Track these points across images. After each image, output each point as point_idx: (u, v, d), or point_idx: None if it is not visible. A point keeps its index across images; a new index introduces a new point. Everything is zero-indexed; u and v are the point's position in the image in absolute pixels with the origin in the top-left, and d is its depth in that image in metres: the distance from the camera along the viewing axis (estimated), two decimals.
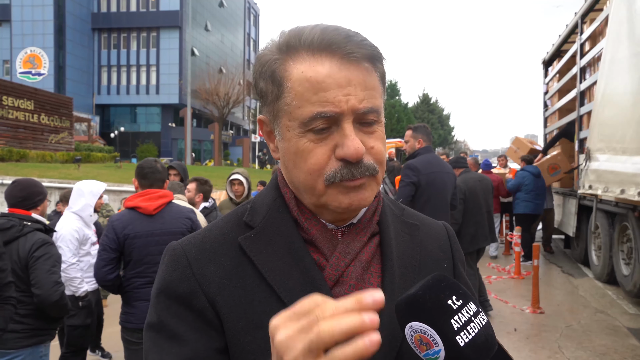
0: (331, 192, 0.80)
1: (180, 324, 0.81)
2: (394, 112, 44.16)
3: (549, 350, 4.92)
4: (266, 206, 0.89)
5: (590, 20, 8.51)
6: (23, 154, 19.09)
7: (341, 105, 0.77)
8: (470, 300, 0.67)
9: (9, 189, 3.12)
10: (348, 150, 0.77)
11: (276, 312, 0.77)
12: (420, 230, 0.95)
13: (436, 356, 0.64)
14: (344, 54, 0.78)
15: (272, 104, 0.83)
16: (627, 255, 6.63)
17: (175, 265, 0.85)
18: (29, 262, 2.92)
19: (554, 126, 11.17)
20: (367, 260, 0.86)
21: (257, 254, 0.84)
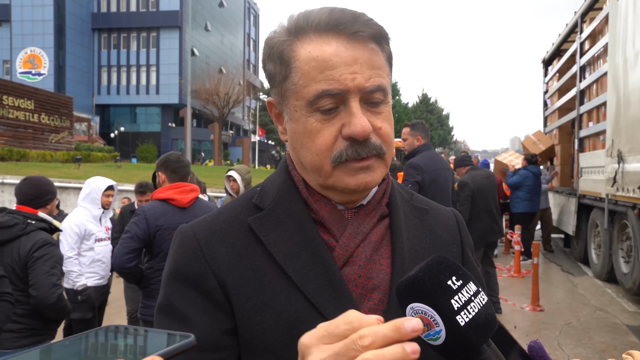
0: (338, 174, 0.81)
1: (188, 305, 0.82)
2: (393, 112, 44.15)
3: (548, 347, 4.93)
4: (276, 188, 0.90)
5: (590, 19, 8.52)
6: (23, 154, 19.09)
7: (347, 83, 0.78)
8: (470, 281, 0.67)
9: (19, 186, 3.07)
10: (355, 128, 0.77)
11: (285, 292, 0.80)
12: (429, 214, 0.96)
13: (437, 336, 0.64)
14: (351, 33, 0.79)
15: (280, 85, 0.84)
16: (627, 253, 6.64)
17: (185, 247, 0.86)
18: (28, 262, 2.87)
19: (553, 125, 11.18)
20: (377, 242, 0.86)
21: (267, 234, 0.84)
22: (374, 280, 0.84)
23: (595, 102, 7.84)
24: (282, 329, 0.79)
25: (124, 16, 48.65)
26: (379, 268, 0.85)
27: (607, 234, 7.16)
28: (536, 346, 0.70)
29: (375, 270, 0.84)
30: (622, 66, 6.39)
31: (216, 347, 0.81)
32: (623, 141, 6.25)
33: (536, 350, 0.70)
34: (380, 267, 0.85)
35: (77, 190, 10.95)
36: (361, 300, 0.82)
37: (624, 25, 6.32)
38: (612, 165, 6.54)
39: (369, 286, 0.83)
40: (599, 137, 7.75)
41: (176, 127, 48.09)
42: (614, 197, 6.57)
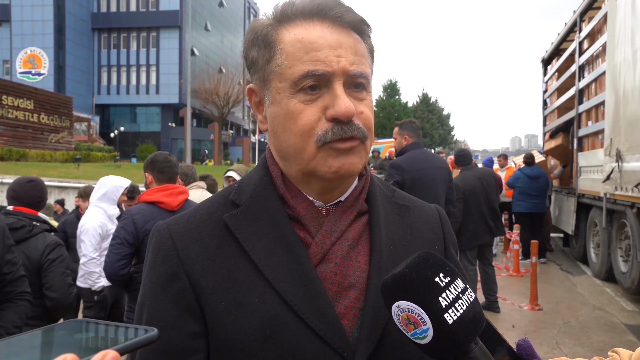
0: (321, 156, 0.80)
1: (158, 306, 0.82)
2: (393, 112, 44.14)
3: (546, 347, 4.92)
4: (253, 184, 0.89)
5: (589, 18, 8.50)
6: (23, 153, 19.10)
7: (332, 64, 0.78)
8: (457, 277, 0.66)
9: (26, 188, 2.91)
10: (339, 109, 0.78)
11: (260, 290, 0.80)
12: (411, 211, 0.95)
13: (424, 335, 0.63)
14: (335, 17, 0.81)
15: (263, 68, 0.83)
16: (625, 252, 6.64)
17: (160, 246, 0.85)
18: (43, 265, 2.80)
19: (553, 124, 11.17)
20: (355, 239, 0.85)
21: (242, 231, 0.83)
22: (350, 278, 0.82)
23: (594, 101, 7.84)
24: (255, 328, 0.78)
25: (124, 16, 48.64)
26: (356, 265, 0.84)
27: (606, 233, 7.16)
28: (525, 344, 0.69)
29: (351, 267, 0.83)
30: (620, 65, 6.38)
31: (182, 350, 0.79)
32: (621, 140, 6.24)
33: (525, 348, 0.69)
34: (357, 265, 0.84)
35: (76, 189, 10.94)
36: (337, 298, 0.81)
37: (623, 24, 6.32)
38: (610, 164, 6.53)
39: (345, 284, 0.82)
40: (598, 136, 7.74)
41: (176, 126, 48.08)
42: (613, 196, 6.56)
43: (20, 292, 2.44)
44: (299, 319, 0.78)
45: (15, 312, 2.39)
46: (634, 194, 5.78)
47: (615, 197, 6.50)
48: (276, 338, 0.77)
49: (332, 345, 0.78)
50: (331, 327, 0.78)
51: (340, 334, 0.78)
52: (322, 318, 0.78)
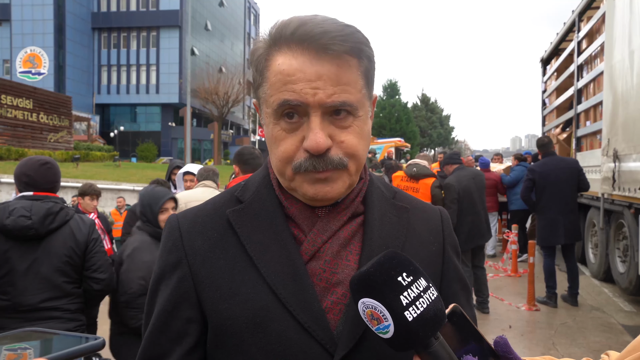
0: (298, 180, 0.85)
1: (162, 290, 0.90)
2: (393, 112, 44.13)
3: (543, 347, 4.91)
4: (256, 183, 0.95)
5: (587, 18, 8.49)
6: (22, 153, 19.08)
7: (307, 97, 0.80)
8: (420, 276, 0.69)
9: (42, 171, 2.67)
10: (309, 144, 0.81)
11: (253, 282, 0.87)
12: (409, 212, 0.97)
13: (386, 330, 0.67)
14: (319, 48, 0.80)
15: (257, 91, 0.89)
16: (623, 252, 6.62)
17: (169, 236, 0.93)
18: (88, 245, 2.67)
19: (552, 124, 11.17)
20: (347, 238, 0.89)
21: (242, 226, 0.90)
22: (339, 275, 0.87)
23: (593, 101, 7.82)
24: (246, 316, 0.84)
25: (124, 15, 48.66)
26: (346, 264, 0.88)
27: (604, 233, 7.15)
28: (501, 341, 0.72)
29: (341, 265, 0.88)
30: (618, 65, 6.37)
31: (177, 331, 0.88)
32: (619, 140, 6.22)
33: (501, 345, 0.72)
34: (347, 263, 0.88)
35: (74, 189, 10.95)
36: (324, 294, 0.86)
37: (620, 24, 6.31)
38: (608, 164, 6.52)
39: (333, 280, 0.86)
40: (596, 136, 7.73)
41: (176, 126, 48.09)
42: (611, 197, 6.55)
43: None
44: (286, 311, 0.84)
45: None
46: (631, 194, 5.77)
47: (613, 198, 6.49)
48: (265, 327, 0.84)
49: (316, 337, 0.83)
50: (315, 320, 0.83)
51: (324, 326, 0.83)
52: (307, 311, 0.84)
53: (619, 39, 6.37)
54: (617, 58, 6.38)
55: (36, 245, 2.55)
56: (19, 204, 2.54)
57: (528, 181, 6.32)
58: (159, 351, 0.88)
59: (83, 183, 6.14)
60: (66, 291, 2.61)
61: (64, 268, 2.59)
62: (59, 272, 2.58)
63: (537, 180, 6.24)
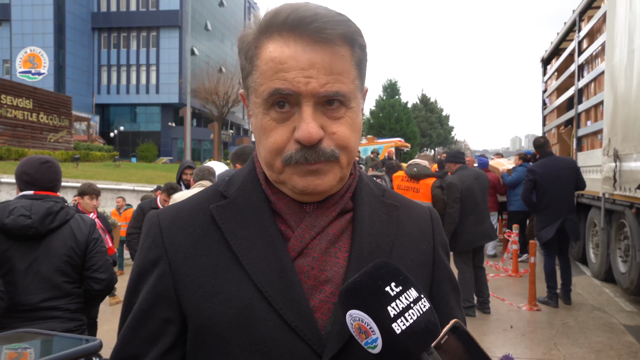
0: (288, 172, 0.82)
1: (139, 289, 0.87)
2: (393, 112, 44.10)
3: (544, 347, 4.90)
4: (242, 178, 0.92)
5: (588, 17, 8.48)
6: (22, 153, 19.06)
7: (300, 87, 0.77)
8: (411, 287, 0.65)
9: (42, 170, 2.65)
10: (301, 134, 0.78)
11: (237, 280, 0.82)
12: (399, 211, 0.95)
13: (374, 344, 0.62)
14: (311, 34, 0.77)
15: (246, 80, 0.85)
16: (624, 252, 6.61)
17: (148, 232, 0.89)
18: (89, 246, 2.66)
19: (552, 124, 11.15)
20: (336, 235, 0.86)
21: (226, 222, 0.86)
22: (327, 273, 0.84)
23: (593, 101, 7.81)
24: (230, 315, 0.80)
25: (124, 15, 48.65)
26: (334, 261, 0.85)
27: (605, 233, 7.13)
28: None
29: (330, 263, 0.84)
30: (619, 65, 6.35)
31: (152, 332, 0.84)
32: (619, 140, 6.21)
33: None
34: (336, 260, 0.85)
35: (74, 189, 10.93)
36: (312, 292, 0.83)
37: (621, 24, 6.29)
38: (608, 164, 6.51)
39: (322, 278, 0.83)
40: (597, 136, 7.71)
41: (176, 126, 48.08)
42: (612, 196, 6.53)
43: None
44: (272, 310, 0.80)
45: None
46: (632, 193, 5.75)
47: (614, 197, 6.48)
48: (249, 326, 0.80)
49: (303, 337, 0.79)
50: (303, 319, 0.80)
51: (312, 326, 0.80)
52: (294, 310, 0.80)
53: (619, 39, 6.35)
54: (618, 58, 6.36)
55: (36, 244, 2.53)
56: (19, 203, 2.53)
57: (529, 182, 6.30)
58: (133, 352, 0.84)
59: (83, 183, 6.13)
60: (66, 291, 2.59)
61: (64, 268, 2.58)
62: (59, 272, 2.56)
63: (539, 181, 6.26)
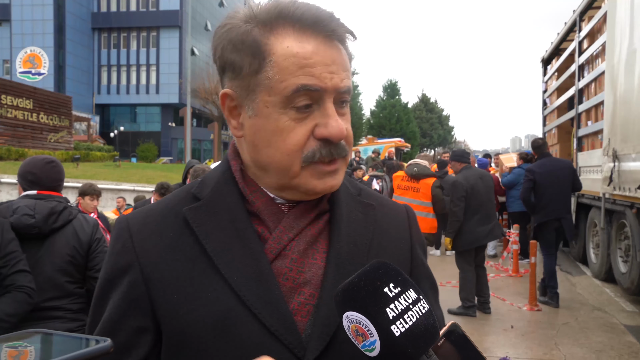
0: (305, 175, 0.80)
1: (109, 297, 0.83)
2: (394, 112, 44.11)
3: (545, 347, 4.90)
4: (215, 179, 0.88)
5: (588, 17, 8.48)
6: (22, 153, 19.06)
7: (326, 81, 0.77)
8: (410, 287, 0.64)
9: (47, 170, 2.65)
10: (332, 130, 0.77)
11: (214, 285, 0.80)
12: (376, 210, 0.94)
13: (372, 347, 0.61)
14: (328, 32, 0.78)
15: (249, 78, 0.79)
16: (625, 253, 6.61)
17: (118, 238, 0.86)
18: (92, 246, 2.65)
19: (552, 124, 11.16)
20: (314, 236, 0.85)
21: (200, 225, 0.83)
22: (306, 275, 0.82)
23: (594, 101, 7.81)
24: (208, 321, 0.78)
25: (124, 16, 48.65)
26: (312, 262, 0.83)
27: (605, 233, 7.13)
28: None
29: (307, 264, 0.83)
30: (619, 65, 6.36)
31: (124, 343, 0.80)
32: (618, 140, 6.22)
33: None
34: (314, 262, 0.83)
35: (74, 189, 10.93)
36: (291, 294, 0.81)
37: (622, 24, 6.29)
38: (608, 164, 6.51)
39: (300, 280, 0.82)
40: (597, 136, 7.72)
41: (176, 126, 48.08)
42: (612, 197, 6.53)
43: (19, 285, 2.35)
44: (251, 314, 0.78)
45: (9, 301, 2.31)
46: (631, 193, 5.76)
47: (614, 197, 6.48)
48: (228, 332, 0.78)
49: (283, 341, 0.78)
50: (283, 323, 0.78)
51: (292, 330, 0.78)
52: (273, 313, 0.78)
53: (620, 39, 6.36)
54: (618, 58, 6.36)
55: (39, 244, 2.53)
56: (22, 202, 2.53)
57: (528, 181, 6.35)
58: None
59: (83, 183, 6.13)
60: (68, 291, 2.58)
61: (67, 268, 2.57)
62: (61, 272, 2.55)
63: (537, 181, 6.31)
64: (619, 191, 6.15)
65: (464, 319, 5.80)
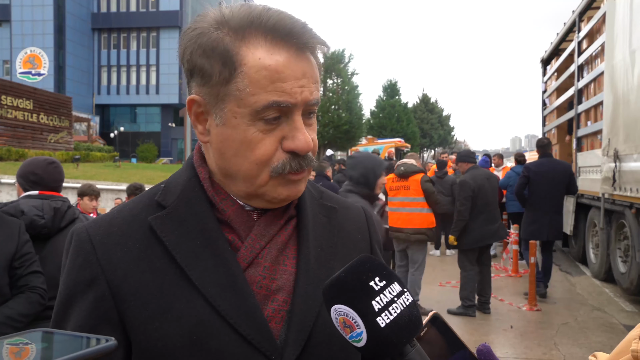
0: (272, 184, 0.80)
1: (73, 314, 0.79)
2: (393, 112, 44.10)
3: (544, 347, 4.91)
4: (180, 185, 0.85)
5: (587, 18, 8.49)
6: (22, 153, 19.07)
7: (296, 96, 0.77)
8: (394, 281, 0.66)
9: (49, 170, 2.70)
10: (300, 144, 0.78)
11: (186, 296, 0.78)
12: (338, 212, 0.96)
13: (359, 338, 0.64)
14: (301, 44, 0.77)
15: (218, 86, 0.77)
16: (624, 253, 6.62)
17: (78, 250, 0.81)
18: None
19: (552, 125, 11.16)
20: (284, 243, 0.85)
21: (168, 234, 0.80)
22: (278, 282, 0.83)
23: (593, 101, 7.82)
24: (182, 334, 0.76)
25: (124, 16, 48.65)
26: (283, 269, 0.84)
27: (605, 233, 7.14)
28: (484, 349, 0.71)
29: (279, 271, 0.83)
30: (618, 65, 6.36)
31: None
32: (619, 140, 6.22)
33: (484, 353, 0.71)
34: (285, 268, 0.84)
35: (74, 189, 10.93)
36: (265, 302, 0.81)
37: (621, 24, 6.30)
38: (608, 164, 6.52)
39: (273, 287, 0.82)
40: (597, 136, 7.72)
41: (176, 127, 48.07)
42: (612, 197, 6.54)
43: (32, 286, 2.39)
44: (226, 324, 0.77)
45: (22, 302, 2.34)
46: (632, 194, 5.76)
47: (614, 198, 6.49)
48: (204, 344, 0.76)
49: (260, 349, 0.78)
50: (259, 331, 0.78)
51: (268, 337, 0.79)
52: (249, 322, 0.78)
53: (619, 39, 6.36)
54: (618, 58, 6.37)
55: (42, 244, 2.56)
56: (28, 202, 2.55)
57: (523, 177, 6.71)
58: None
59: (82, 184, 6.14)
60: None
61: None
62: None
63: (532, 178, 6.67)
64: (619, 191, 6.17)
65: (463, 319, 5.81)
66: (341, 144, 34.89)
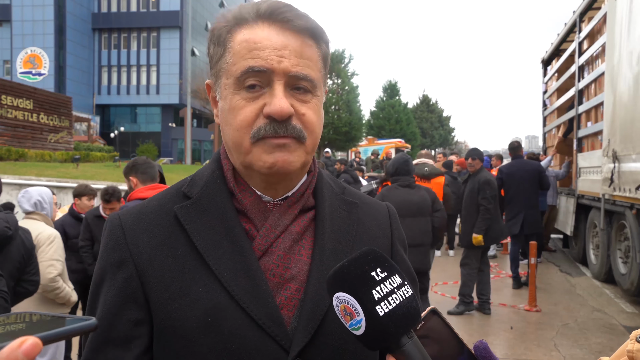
0: (256, 151, 0.83)
1: (105, 292, 0.85)
2: (393, 113, 44.09)
3: (544, 348, 4.89)
4: (205, 178, 0.92)
5: (588, 18, 8.48)
6: (22, 153, 19.06)
7: (273, 64, 0.81)
8: (395, 273, 0.69)
9: None
10: (274, 108, 0.81)
11: (204, 280, 0.84)
12: (359, 208, 0.98)
13: (358, 326, 0.66)
14: (283, 21, 0.83)
15: (216, 65, 0.87)
16: (625, 254, 6.61)
17: (111, 234, 0.88)
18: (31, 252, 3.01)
19: (552, 125, 11.15)
20: (299, 233, 0.89)
21: (191, 222, 0.86)
22: (292, 270, 0.86)
23: (594, 102, 7.81)
24: (198, 316, 0.81)
25: (124, 16, 48.64)
26: (298, 258, 0.87)
27: (605, 234, 7.13)
28: (481, 346, 0.72)
29: (294, 260, 0.87)
30: (619, 65, 6.35)
31: (124, 336, 0.83)
32: (618, 141, 6.21)
33: (481, 350, 0.72)
34: (300, 258, 0.88)
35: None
36: (278, 290, 0.85)
37: (621, 25, 6.29)
38: (608, 165, 6.51)
39: (287, 276, 0.86)
40: (597, 137, 7.71)
41: (176, 127, 48.08)
42: (612, 197, 6.53)
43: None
44: (239, 308, 0.82)
45: None
46: (631, 194, 5.75)
47: (614, 198, 6.48)
48: (217, 326, 0.81)
49: (271, 333, 0.82)
50: (270, 316, 0.82)
51: (279, 323, 0.82)
52: (261, 307, 0.82)
53: (620, 40, 6.35)
54: (618, 58, 6.36)
55: None
56: None
57: (498, 180, 7.17)
58: (108, 358, 0.82)
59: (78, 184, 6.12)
60: None
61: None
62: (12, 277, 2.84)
63: (505, 179, 7.37)
64: (618, 192, 6.15)
65: (463, 319, 5.80)
66: (341, 144, 34.88)
